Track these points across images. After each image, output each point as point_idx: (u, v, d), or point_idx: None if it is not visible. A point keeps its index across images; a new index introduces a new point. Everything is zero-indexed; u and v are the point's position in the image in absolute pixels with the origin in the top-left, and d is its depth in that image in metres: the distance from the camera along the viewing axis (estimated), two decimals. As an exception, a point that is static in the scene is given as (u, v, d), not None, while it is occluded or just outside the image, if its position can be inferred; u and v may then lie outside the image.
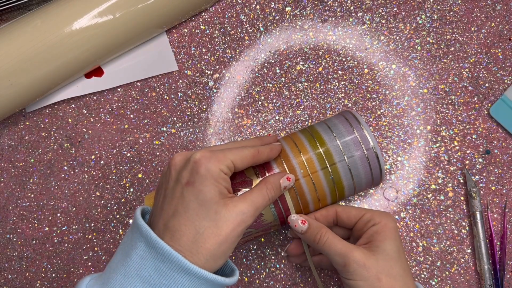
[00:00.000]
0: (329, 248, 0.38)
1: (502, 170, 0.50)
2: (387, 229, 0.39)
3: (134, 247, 0.33)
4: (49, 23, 0.45)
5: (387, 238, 0.38)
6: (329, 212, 0.42)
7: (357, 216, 0.40)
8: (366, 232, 0.39)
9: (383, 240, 0.38)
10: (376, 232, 0.39)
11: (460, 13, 0.52)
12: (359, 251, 0.37)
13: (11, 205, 0.52)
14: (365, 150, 0.40)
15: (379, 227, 0.39)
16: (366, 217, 0.40)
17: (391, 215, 0.40)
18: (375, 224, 0.39)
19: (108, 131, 0.52)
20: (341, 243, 0.38)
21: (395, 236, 0.39)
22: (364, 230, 0.40)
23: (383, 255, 0.37)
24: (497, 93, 0.51)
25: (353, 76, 0.52)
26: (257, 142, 0.40)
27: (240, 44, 0.52)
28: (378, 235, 0.38)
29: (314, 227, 0.39)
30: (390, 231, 0.39)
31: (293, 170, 0.39)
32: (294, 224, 0.39)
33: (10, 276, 0.51)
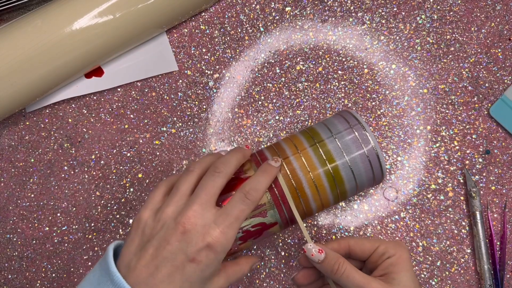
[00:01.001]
0: (347, 279, 0.38)
1: (502, 170, 0.50)
2: (401, 260, 0.39)
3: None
4: (49, 23, 0.45)
5: (403, 270, 0.38)
6: (341, 245, 0.41)
7: (371, 249, 0.40)
8: (381, 265, 0.39)
9: (399, 272, 0.38)
10: (391, 265, 0.39)
11: (460, 13, 0.52)
12: (377, 283, 0.37)
13: (11, 205, 0.52)
14: (365, 149, 0.40)
15: (394, 259, 0.39)
16: (380, 249, 0.40)
17: (404, 245, 0.40)
18: (390, 257, 0.39)
19: (108, 131, 0.52)
20: (359, 274, 0.38)
21: (410, 267, 0.39)
22: (378, 262, 0.40)
23: (399, 286, 0.38)
24: (497, 93, 0.51)
25: (353, 76, 0.52)
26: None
27: (240, 44, 0.52)
28: (394, 267, 0.38)
29: (331, 257, 0.38)
30: (405, 263, 0.39)
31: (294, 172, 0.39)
32: (311, 253, 0.38)
33: (10, 276, 0.51)
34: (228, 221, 0.35)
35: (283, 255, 0.50)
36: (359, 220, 0.50)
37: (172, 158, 0.52)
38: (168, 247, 0.34)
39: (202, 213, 0.35)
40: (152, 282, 0.33)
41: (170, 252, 0.34)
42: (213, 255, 0.34)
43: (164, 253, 0.34)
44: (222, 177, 0.37)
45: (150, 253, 0.34)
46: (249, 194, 0.37)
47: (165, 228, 0.35)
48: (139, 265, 0.34)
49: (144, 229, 0.36)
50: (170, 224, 0.35)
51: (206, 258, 0.34)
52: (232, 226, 0.35)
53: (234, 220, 0.36)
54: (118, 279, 0.33)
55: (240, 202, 0.37)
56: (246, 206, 0.36)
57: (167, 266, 0.34)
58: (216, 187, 0.36)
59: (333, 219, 0.50)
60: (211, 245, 0.34)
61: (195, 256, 0.34)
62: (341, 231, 0.50)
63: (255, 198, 0.37)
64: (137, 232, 0.37)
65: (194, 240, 0.34)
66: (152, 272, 0.34)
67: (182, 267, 0.34)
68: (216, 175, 0.37)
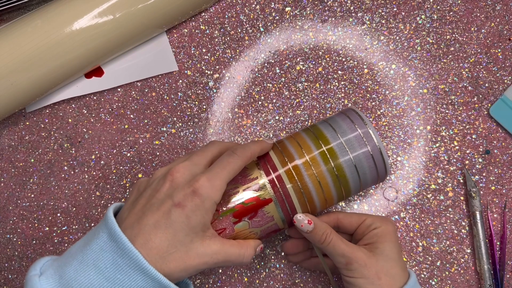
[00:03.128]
0: (333, 247, 0.39)
1: (502, 170, 0.50)
2: (387, 232, 0.41)
3: (96, 236, 0.34)
4: (49, 23, 0.45)
5: (387, 241, 0.40)
6: (330, 218, 0.43)
7: (359, 222, 0.42)
8: (367, 235, 0.41)
9: (383, 242, 0.40)
10: (376, 235, 0.40)
11: (460, 13, 0.52)
12: (361, 251, 0.39)
13: (11, 205, 0.52)
14: (369, 147, 0.40)
15: (380, 230, 0.41)
16: (367, 222, 0.42)
17: (391, 220, 0.42)
18: (376, 228, 0.41)
19: (108, 131, 0.52)
20: (344, 243, 0.39)
21: (394, 239, 0.41)
22: (365, 233, 0.41)
23: (383, 255, 0.39)
24: (497, 93, 0.51)
25: (353, 76, 0.52)
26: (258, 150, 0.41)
27: (240, 44, 0.52)
28: (379, 238, 0.40)
29: (319, 227, 0.40)
30: (390, 234, 0.41)
31: (298, 170, 0.39)
32: (301, 223, 0.39)
33: (10, 276, 0.51)
34: (214, 170, 0.36)
35: (283, 255, 0.50)
36: (359, 220, 0.50)
37: (172, 158, 0.52)
38: (157, 194, 0.35)
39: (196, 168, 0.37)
40: (138, 227, 0.34)
41: (158, 199, 0.35)
42: (198, 200, 0.35)
43: (152, 200, 0.35)
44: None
45: (140, 203, 0.36)
46: (237, 150, 0.38)
47: (156, 181, 0.37)
48: (130, 214, 0.35)
49: (139, 187, 0.38)
50: (161, 177, 0.37)
51: (191, 203, 0.34)
52: (218, 175, 0.36)
53: (220, 169, 0.36)
54: (111, 222, 0.34)
55: (227, 156, 0.38)
56: (232, 159, 0.37)
57: (153, 211, 0.35)
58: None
59: (333, 219, 0.50)
60: (196, 189, 0.35)
61: (181, 201, 0.34)
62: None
63: (242, 155, 0.38)
64: (133, 191, 0.38)
65: (181, 186, 0.35)
66: (139, 218, 0.35)
67: (168, 211, 0.34)
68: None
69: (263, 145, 0.40)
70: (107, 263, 0.33)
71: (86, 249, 0.34)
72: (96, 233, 0.35)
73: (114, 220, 0.34)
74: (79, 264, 0.33)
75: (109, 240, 0.33)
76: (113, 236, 0.33)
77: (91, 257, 0.33)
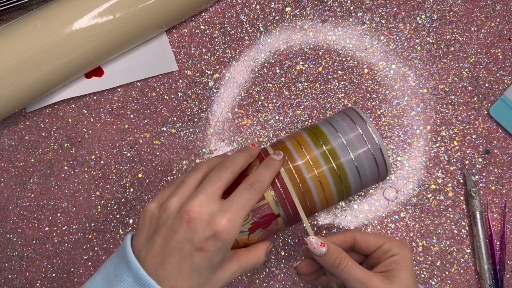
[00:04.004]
0: (347, 274, 0.38)
1: (502, 170, 0.50)
2: (404, 259, 0.39)
3: (119, 279, 0.34)
4: (49, 23, 0.45)
5: (405, 269, 0.39)
6: (347, 238, 0.41)
7: (376, 245, 0.41)
8: (384, 261, 0.40)
9: (400, 270, 0.39)
10: (394, 262, 0.39)
11: (460, 13, 0.52)
12: (378, 279, 0.38)
13: (11, 205, 0.52)
14: (370, 146, 0.40)
15: (398, 258, 0.39)
16: (385, 247, 0.40)
17: (408, 245, 0.41)
18: (394, 255, 0.40)
19: (108, 131, 0.52)
20: (360, 270, 0.38)
21: (411, 267, 0.40)
22: (382, 259, 0.40)
23: (400, 284, 0.38)
24: (497, 93, 0.51)
25: (353, 76, 0.52)
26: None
27: (240, 44, 0.52)
28: (396, 265, 0.39)
29: (333, 251, 0.38)
30: (408, 262, 0.40)
31: (299, 170, 0.39)
32: (313, 246, 0.38)
33: (10, 276, 0.51)
34: (235, 209, 0.35)
35: (283, 255, 0.50)
36: (359, 220, 0.50)
37: (172, 158, 0.52)
38: (175, 237, 0.34)
39: (208, 202, 0.35)
40: (162, 273, 0.34)
41: (177, 242, 0.34)
42: (220, 243, 0.34)
43: (172, 243, 0.34)
44: (228, 172, 0.37)
45: (158, 244, 0.35)
46: (254, 184, 0.37)
47: (171, 218, 0.36)
48: (148, 256, 0.34)
49: (151, 220, 0.37)
50: (175, 214, 0.36)
51: (213, 247, 0.34)
52: (239, 213, 0.35)
53: (241, 207, 0.36)
54: (135, 265, 0.33)
55: (246, 191, 0.37)
56: (252, 195, 0.36)
57: (175, 256, 0.34)
58: (222, 181, 0.36)
59: (333, 219, 0.50)
60: (217, 233, 0.34)
61: (203, 245, 0.34)
62: (341, 231, 0.50)
63: (260, 189, 0.37)
64: (144, 224, 0.37)
65: (200, 229, 0.34)
66: (161, 263, 0.34)
67: (190, 256, 0.34)
68: (223, 170, 0.37)
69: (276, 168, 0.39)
70: None
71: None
72: (118, 275, 0.34)
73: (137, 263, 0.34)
74: None
75: (136, 284, 0.33)
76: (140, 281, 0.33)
77: None
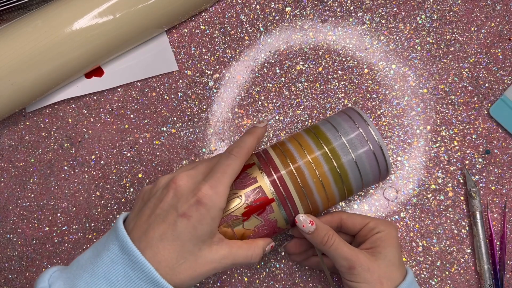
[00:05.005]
0: (335, 250, 0.39)
1: (502, 170, 0.50)
2: (390, 237, 0.41)
3: (106, 248, 0.34)
4: (49, 23, 0.45)
5: (390, 246, 0.40)
6: (334, 218, 0.43)
7: (362, 224, 0.42)
8: (370, 238, 0.41)
9: (386, 247, 0.40)
10: (379, 239, 0.40)
11: (460, 13, 0.52)
12: (364, 255, 0.39)
13: (11, 205, 0.52)
14: (371, 145, 0.40)
15: (383, 235, 0.40)
16: (370, 225, 0.41)
17: (394, 224, 0.42)
18: (379, 232, 0.41)
19: (108, 131, 0.52)
20: (347, 247, 0.39)
21: (397, 244, 0.41)
22: (367, 236, 0.41)
23: (385, 260, 0.39)
24: (497, 93, 0.51)
25: (353, 76, 0.52)
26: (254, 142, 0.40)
27: (240, 44, 0.52)
28: (382, 242, 0.40)
29: (321, 228, 0.40)
30: (393, 239, 0.41)
31: (300, 171, 0.39)
32: (302, 224, 0.39)
33: (10, 276, 0.51)
34: (216, 176, 0.36)
35: (283, 255, 0.50)
36: (359, 220, 0.50)
37: (172, 158, 0.52)
38: (160, 204, 0.35)
39: (196, 175, 0.36)
40: (145, 240, 0.34)
41: (162, 209, 0.35)
42: (203, 210, 0.34)
43: (157, 211, 0.35)
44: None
45: (145, 213, 0.36)
46: (233, 150, 0.38)
47: (160, 189, 0.37)
48: (136, 225, 0.35)
49: (143, 196, 0.38)
50: (165, 186, 0.37)
51: (196, 212, 0.34)
52: (220, 180, 0.36)
53: (221, 174, 0.36)
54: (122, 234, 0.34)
55: (225, 159, 0.37)
56: (231, 160, 0.37)
57: (159, 223, 0.35)
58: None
59: (333, 219, 0.50)
60: (200, 199, 0.34)
61: (186, 211, 0.34)
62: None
63: (238, 153, 0.37)
64: (137, 200, 0.38)
65: (185, 196, 0.35)
66: (146, 230, 0.35)
67: (174, 223, 0.34)
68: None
69: (257, 134, 0.40)
70: (118, 276, 0.33)
71: (97, 261, 0.34)
72: (107, 245, 0.34)
73: (125, 232, 0.34)
74: (90, 277, 0.33)
75: (120, 253, 0.33)
76: (125, 249, 0.33)
77: (102, 270, 0.33)
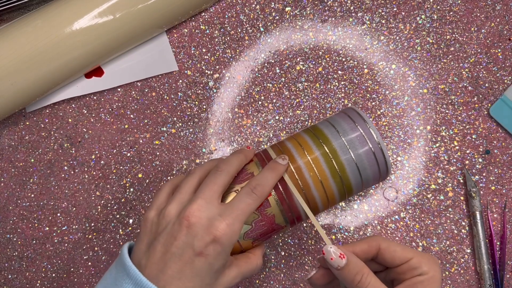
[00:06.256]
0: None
1: (502, 170, 0.50)
2: (433, 281, 0.35)
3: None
4: (49, 23, 0.45)
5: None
6: (371, 248, 0.36)
7: (403, 259, 0.35)
8: (409, 280, 0.35)
9: None
10: (421, 283, 0.34)
11: (460, 13, 0.52)
12: None
13: (11, 205, 0.52)
14: (371, 145, 0.40)
15: (426, 279, 0.34)
16: (413, 263, 0.35)
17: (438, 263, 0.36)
18: (421, 274, 0.35)
19: (108, 131, 0.52)
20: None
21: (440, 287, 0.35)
22: (407, 276, 0.35)
23: None
24: (497, 93, 0.51)
25: (353, 76, 0.52)
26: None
27: (240, 44, 0.52)
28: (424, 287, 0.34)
29: (354, 264, 0.34)
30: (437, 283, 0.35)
31: (300, 170, 0.39)
32: (330, 257, 0.34)
33: (10, 276, 0.51)
34: (234, 214, 0.35)
35: (283, 255, 0.50)
36: (359, 220, 0.50)
37: (172, 158, 0.52)
38: (175, 242, 0.35)
39: (207, 207, 0.35)
40: (163, 279, 0.34)
41: (177, 248, 0.34)
42: (220, 248, 0.34)
43: (172, 249, 0.34)
44: (224, 174, 0.37)
45: (158, 250, 0.35)
46: (255, 189, 0.37)
47: (170, 224, 0.36)
48: (149, 262, 0.35)
49: (151, 228, 0.37)
50: (175, 220, 0.36)
51: (213, 251, 0.34)
52: (238, 218, 0.35)
53: (240, 212, 0.36)
54: (135, 272, 0.33)
55: (246, 196, 0.36)
56: (252, 200, 0.36)
57: (175, 261, 0.34)
58: (219, 184, 0.37)
59: (333, 219, 0.50)
60: (217, 238, 0.34)
61: (202, 250, 0.34)
62: (341, 231, 0.50)
63: (261, 193, 0.37)
64: (145, 232, 0.37)
65: (200, 234, 0.34)
66: (162, 269, 0.34)
67: (191, 261, 0.34)
68: (219, 173, 0.37)
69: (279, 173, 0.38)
70: None
71: None
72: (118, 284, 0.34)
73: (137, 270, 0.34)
74: None
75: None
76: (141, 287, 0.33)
77: None
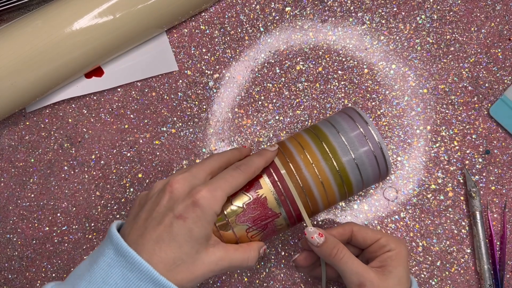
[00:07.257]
0: (345, 264, 0.39)
1: (502, 170, 0.50)
2: (400, 256, 0.40)
3: (102, 254, 0.34)
4: (49, 23, 0.45)
5: (400, 265, 0.40)
6: (345, 231, 0.42)
7: (373, 239, 0.41)
8: (380, 256, 0.40)
9: (396, 266, 0.40)
10: (390, 258, 0.40)
11: (460, 13, 0.52)
12: (374, 273, 0.39)
13: (11, 205, 0.52)
14: (371, 145, 0.40)
15: (394, 254, 0.40)
16: (382, 241, 0.41)
17: (405, 242, 0.41)
18: (390, 250, 0.40)
19: (108, 131, 0.52)
20: (357, 262, 0.39)
21: (406, 264, 0.40)
22: (378, 253, 0.41)
23: (394, 280, 0.39)
24: (497, 93, 0.51)
25: (353, 76, 0.52)
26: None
27: (240, 44, 0.52)
28: (392, 261, 0.40)
29: (330, 241, 0.39)
30: (403, 259, 0.40)
31: (300, 170, 0.39)
32: (311, 236, 0.39)
33: (10, 276, 0.51)
34: (216, 182, 0.36)
35: (283, 255, 0.50)
36: (359, 220, 0.50)
37: (172, 158, 0.52)
38: (157, 208, 0.35)
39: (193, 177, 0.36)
40: (141, 242, 0.34)
41: (158, 212, 0.35)
42: (199, 212, 0.34)
43: (153, 214, 0.35)
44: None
45: (142, 218, 0.35)
46: (240, 166, 0.37)
47: (156, 194, 0.37)
48: (133, 230, 0.35)
49: (140, 201, 0.38)
50: (160, 190, 0.36)
51: (192, 214, 0.34)
52: (220, 186, 0.36)
53: (223, 181, 0.36)
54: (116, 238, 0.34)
55: (231, 170, 0.37)
56: (237, 174, 0.37)
57: (155, 226, 0.34)
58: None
59: (333, 219, 0.50)
60: (197, 200, 0.34)
61: (182, 213, 0.34)
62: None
63: (245, 170, 0.37)
64: (134, 206, 0.38)
65: (181, 198, 0.35)
66: (142, 233, 0.34)
67: (170, 224, 0.34)
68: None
69: (267, 157, 0.39)
70: (116, 278, 0.33)
71: (93, 267, 0.33)
72: (101, 251, 0.34)
73: (118, 235, 0.34)
74: (88, 284, 0.33)
75: (116, 256, 0.33)
76: (120, 251, 0.33)
77: (99, 275, 0.33)
